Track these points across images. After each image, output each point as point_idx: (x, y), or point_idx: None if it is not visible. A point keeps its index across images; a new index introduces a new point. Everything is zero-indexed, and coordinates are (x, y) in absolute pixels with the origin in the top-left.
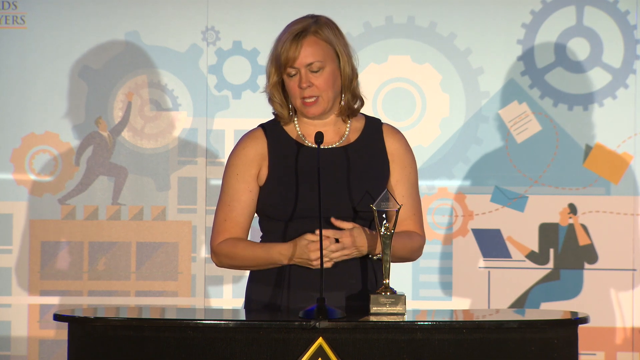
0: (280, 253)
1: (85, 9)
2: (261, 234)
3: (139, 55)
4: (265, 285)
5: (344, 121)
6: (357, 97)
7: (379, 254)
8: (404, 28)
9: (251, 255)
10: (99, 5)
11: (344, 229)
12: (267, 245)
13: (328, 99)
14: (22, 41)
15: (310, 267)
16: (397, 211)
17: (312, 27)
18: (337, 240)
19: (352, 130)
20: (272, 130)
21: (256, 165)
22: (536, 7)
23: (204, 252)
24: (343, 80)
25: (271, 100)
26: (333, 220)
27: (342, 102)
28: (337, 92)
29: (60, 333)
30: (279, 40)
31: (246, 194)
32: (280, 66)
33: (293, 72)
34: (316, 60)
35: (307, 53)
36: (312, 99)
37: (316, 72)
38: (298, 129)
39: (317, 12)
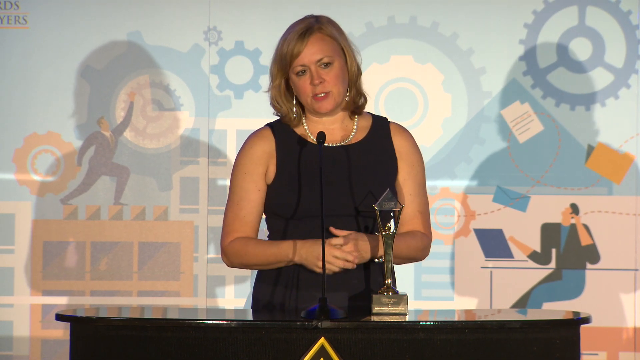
0: (291, 249)
1: (87, 9)
2: (268, 233)
3: (141, 55)
4: (271, 285)
5: (351, 119)
6: (361, 94)
7: (382, 256)
8: (406, 28)
9: (262, 251)
10: (101, 5)
11: (345, 236)
12: (280, 241)
13: (339, 93)
14: (24, 41)
15: (314, 269)
16: (400, 211)
17: (316, 25)
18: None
19: (359, 129)
20: (279, 129)
21: (264, 163)
22: (538, 7)
23: (206, 252)
24: (350, 76)
25: (275, 102)
26: (332, 229)
27: (347, 99)
28: (346, 88)
29: (62, 333)
30: (283, 40)
31: (255, 193)
32: (286, 65)
33: (302, 70)
34: (325, 55)
35: (315, 49)
36: (323, 94)
37: (326, 67)
38: (306, 127)
39: (319, 12)
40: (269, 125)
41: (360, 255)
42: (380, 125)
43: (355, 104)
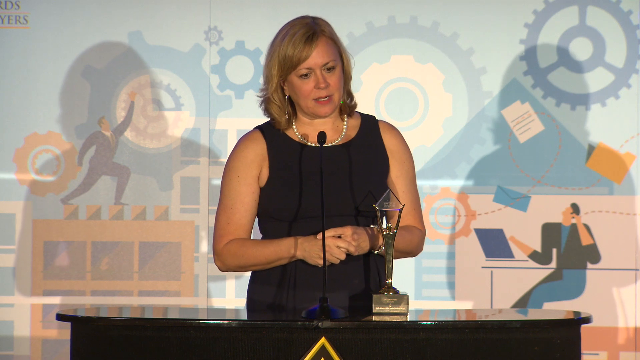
0: (292, 244)
1: (88, 8)
2: (261, 235)
3: (141, 55)
4: (268, 285)
5: (341, 119)
6: (351, 95)
7: (382, 245)
8: (407, 28)
9: (261, 250)
10: (101, 5)
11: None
12: (278, 239)
13: (339, 97)
14: (25, 41)
15: (315, 263)
16: (401, 210)
17: (318, 27)
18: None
19: (349, 127)
20: (269, 131)
21: (256, 166)
22: (539, 7)
23: (206, 251)
24: (346, 78)
25: (270, 104)
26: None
27: (342, 101)
28: (343, 91)
29: (63, 333)
30: (287, 43)
31: (249, 195)
32: (290, 67)
33: (306, 72)
34: (331, 59)
35: (323, 53)
36: (326, 98)
37: (329, 71)
38: (296, 129)
39: (319, 12)
40: (259, 127)
41: (358, 245)
42: (369, 124)
43: (348, 106)
